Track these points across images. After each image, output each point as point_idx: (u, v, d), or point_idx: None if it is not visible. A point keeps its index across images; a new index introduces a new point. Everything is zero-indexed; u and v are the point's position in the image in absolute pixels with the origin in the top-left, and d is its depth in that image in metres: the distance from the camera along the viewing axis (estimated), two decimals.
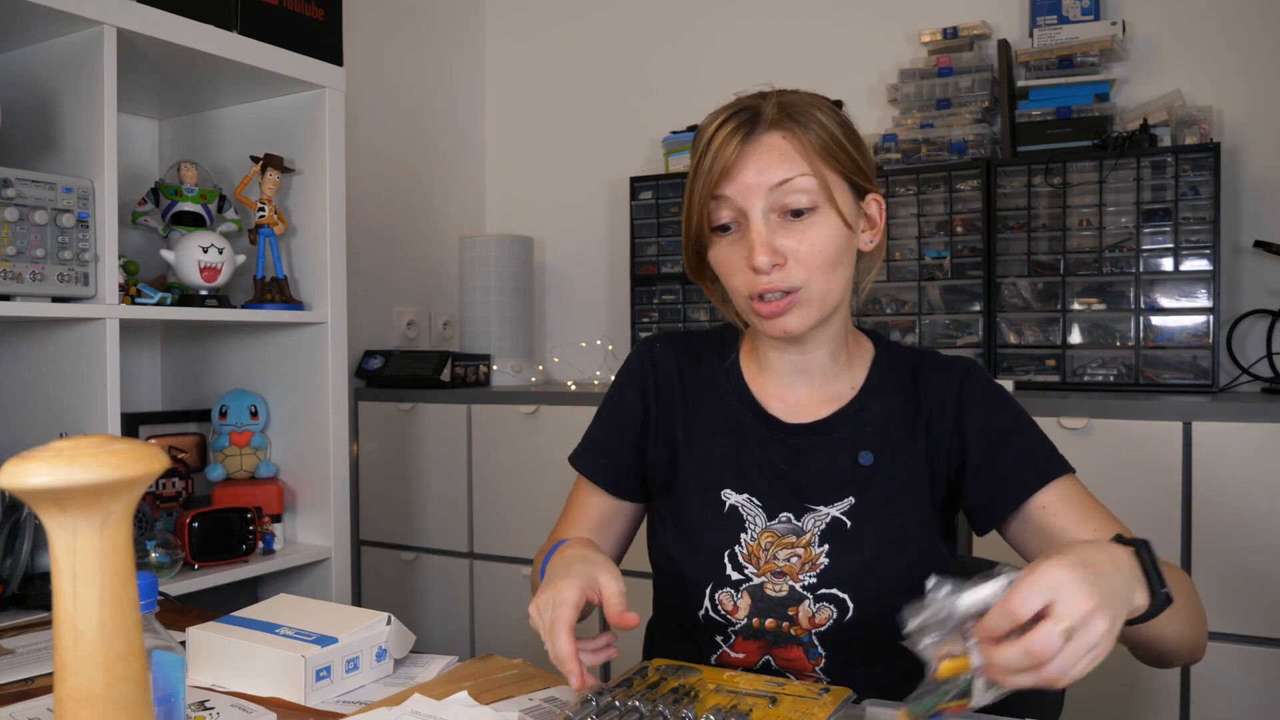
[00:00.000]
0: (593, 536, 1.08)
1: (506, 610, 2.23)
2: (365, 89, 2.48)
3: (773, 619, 0.97)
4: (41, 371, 1.58)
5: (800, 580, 0.97)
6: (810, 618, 0.96)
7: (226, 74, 1.75)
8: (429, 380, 2.30)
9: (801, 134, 0.94)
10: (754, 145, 0.94)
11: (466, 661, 0.99)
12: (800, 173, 0.92)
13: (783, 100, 0.96)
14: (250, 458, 1.90)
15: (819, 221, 0.94)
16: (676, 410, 1.08)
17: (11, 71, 1.58)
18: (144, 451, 0.48)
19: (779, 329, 0.95)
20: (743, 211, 0.94)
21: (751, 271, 0.93)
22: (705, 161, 0.94)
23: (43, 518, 0.46)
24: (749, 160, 0.93)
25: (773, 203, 0.93)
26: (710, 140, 0.95)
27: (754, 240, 0.92)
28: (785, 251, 0.93)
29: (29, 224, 1.40)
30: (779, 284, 0.93)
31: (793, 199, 0.93)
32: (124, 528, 0.48)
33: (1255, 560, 1.56)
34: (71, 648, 0.46)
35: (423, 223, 2.72)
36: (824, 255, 0.94)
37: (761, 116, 0.95)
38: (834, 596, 0.96)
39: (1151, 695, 1.63)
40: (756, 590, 0.98)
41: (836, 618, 0.96)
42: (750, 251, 0.92)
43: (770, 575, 0.97)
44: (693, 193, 0.97)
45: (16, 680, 0.95)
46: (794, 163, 0.93)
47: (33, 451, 0.45)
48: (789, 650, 0.98)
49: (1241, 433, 1.57)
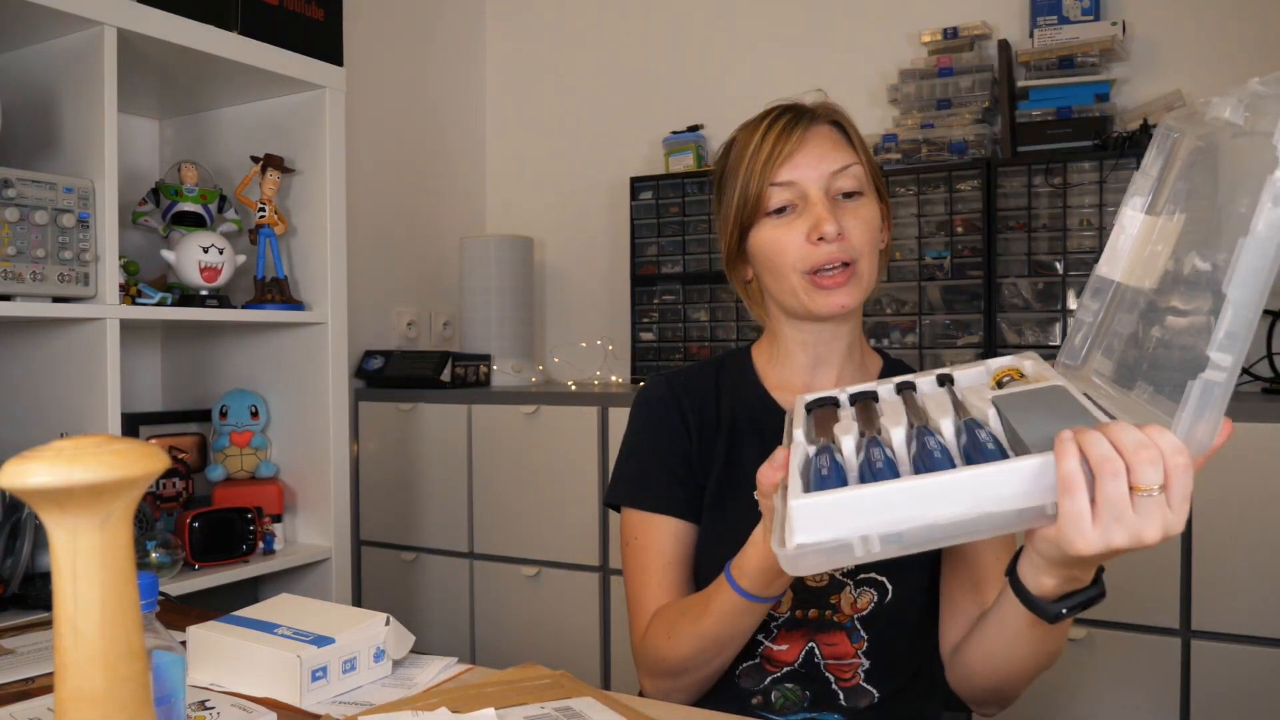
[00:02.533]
0: (681, 568, 1.07)
1: (506, 610, 2.23)
2: (365, 89, 2.48)
3: (815, 609, 1.01)
4: (42, 371, 1.58)
5: (839, 569, 1.01)
6: (853, 603, 1.01)
7: (226, 74, 1.75)
8: (429, 380, 2.30)
9: (849, 130, 1.05)
10: (812, 134, 1.03)
11: (508, 669, 0.96)
12: (853, 161, 1.02)
13: (827, 102, 1.07)
14: (250, 458, 1.90)
15: (866, 204, 1.03)
16: (710, 427, 1.09)
17: (11, 71, 1.58)
18: (144, 451, 0.48)
19: (837, 303, 1.00)
20: (803, 194, 1.01)
21: (810, 246, 0.99)
22: (764, 149, 1.02)
23: (43, 518, 0.46)
24: (809, 147, 1.02)
25: (829, 186, 1.01)
26: (767, 132, 1.03)
27: (821, 214, 0.99)
28: (844, 226, 1.00)
29: (29, 224, 1.40)
30: (840, 255, 0.99)
31: (847, 183, 1.02)
32: (124, 528, 0.48)
33: (1255, 560, 1.56)
34: (72, 648, 0.46)
35: (423, 223, 2.72)
36: (872, 233, 1.02)
37: (813, 112, 1.05)
38: (874, 580, 1.01)
39: (1151, 695, 1.63)
40: (798, 583, 1.01)
41: (878, 601, 1.00)
42: (815, 224, 0.99)
43: None
44: (749, 176, 1.02)
45: (16, 680, 0.95)
46: (847, 152, 1.03)
47: (33, 451, 0.45)
48: (832, 636, 1.01)
49: (1241, 433, 1.57)
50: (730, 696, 1.03)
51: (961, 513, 0.64)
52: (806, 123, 1.02)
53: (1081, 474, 0.61)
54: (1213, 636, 1.59)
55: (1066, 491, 0.62)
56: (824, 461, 0.72)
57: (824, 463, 0.72)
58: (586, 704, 0.86)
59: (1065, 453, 0.62)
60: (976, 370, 0.85)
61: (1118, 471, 0.61)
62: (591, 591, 2.12)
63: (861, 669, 1.02)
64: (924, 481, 0.65)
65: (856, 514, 0.65)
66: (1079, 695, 1.69)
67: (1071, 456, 0.62)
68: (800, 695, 1.02)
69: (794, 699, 1.02)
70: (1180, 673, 1.61)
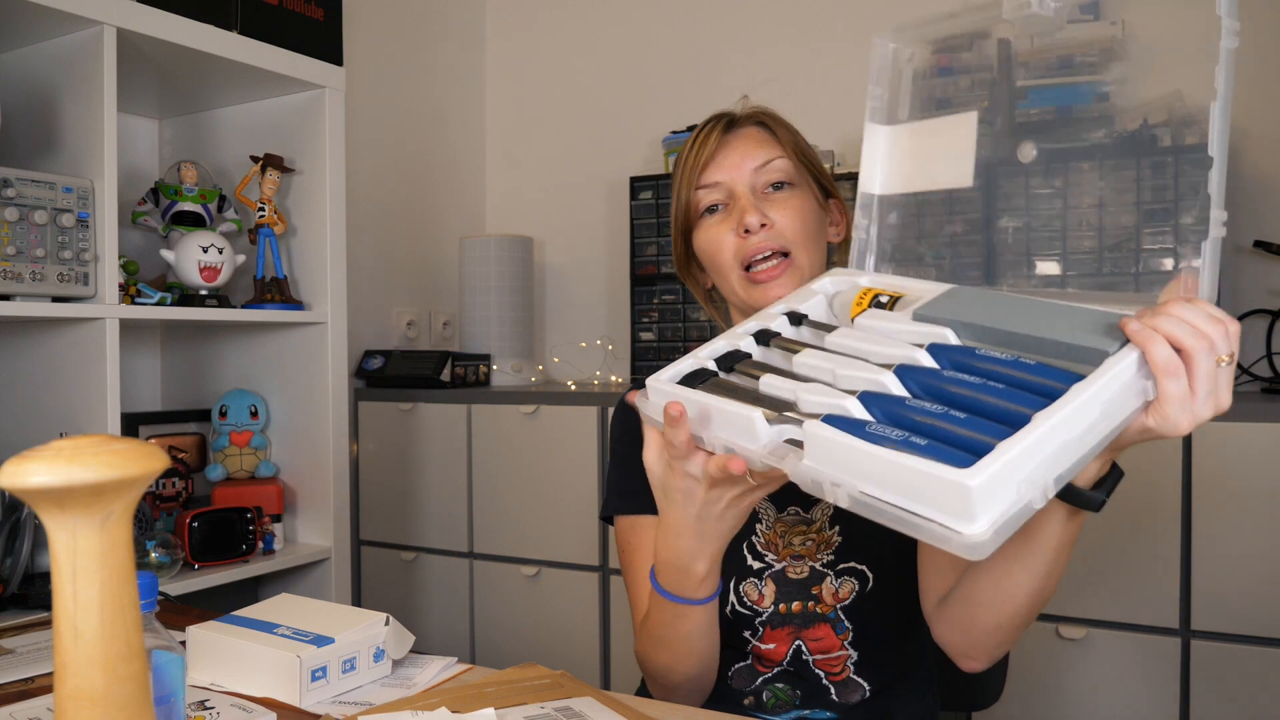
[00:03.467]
0: None
1: (506, 610, 2.23)
2: (365, 89, 2.48)
3: (798, 601, 1.02)
4: (41, 371, 1.58)
5: (819, 560, 1.02)
6: (834, 593, 1.02)
7: (226, 74, 1.75)
8: (429, 380, 2.30)
9: (775, 129, 1.08)
10: (735, 135, 1.07)
11: (508, 669, 0.97)
12: (777, 155, 1.05)
13: (755, 106, 1.11)
14: (250, 458, 1.90)
15: (796, 194, 1.05)
16: None
17: (11, 71, 1.58)
18: (144, 451, 0.48)
19: (772, 294, 1.00)
20: (729, 192, 1.04)
21: (740, 240, 1.02)
22: (691, 155, 1.06)
23: (43, 518, 0.46)
24: (732, 147, 1.06)
25: (755, 181, 1.04)
26: (695, 140, 1.07)
27: (744, 205, 1.02)
28: (770, 217, 1.02)
29: (29, 224, 1.40)
30: (769, 244, 1.01)
31: (772, 175, 1.05)
32: (124, 528, 0.48)
33: (1255, 560, 1.56)
34: (71, 647, 0.46)
35: (423, 223, 2.71)
36: (804, 222, 1.04)
37: (738, 117, 1.09)
38: (854, 569, 1.02)
39: (1151, 695, 1.63)
40: (779, 575, 1.02)
41: (859, 589, 1.01)
42: (740, 216, 1.02)
43: (790, 559, 1.03)
44: (680, 185, 1.07)
45: (16, 680, 0.95)
46: (771, 148, 1.06)
47: (33, 451, 0.45)
48: (817, 630, 1.02)
49: (1241, 433, 1.57)
50: (723, 698, 1.04)
51: (1099, 430, 0.64)
52: (727, 125, 1.07)
53: (1177, 357, 0.64)
54: (1213, 636, 1.59)
55: (1169, 375, 0.64)
56: (885, 429, 0.67)
57: (887, 430, 0.66)
58: (586, 704, 0.86)
59: (1151, 339, 0.64)
60: (813, 302, 0.88)
61: (1211, 348, 0.64)
62: (591, 591, 2.12)
63: (850, 661, 1.02)
64: (1069, 412, 0.62)
65: (1037, 468, 0.61)
66: (1079, 695, 1.69)
67: (1161, 343, 0.64)
68: (791, 694, 1.03)
69: (785, 698, 1.03)
70: (1180, 673, 1.61)
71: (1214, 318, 0.65)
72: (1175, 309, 0.66)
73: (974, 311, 0.77)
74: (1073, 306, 0.74)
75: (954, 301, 0.80)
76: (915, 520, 0.61)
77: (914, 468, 0.61)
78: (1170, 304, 0.66)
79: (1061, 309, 0.74)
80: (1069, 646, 1.69)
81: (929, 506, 0.60)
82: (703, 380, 0.79)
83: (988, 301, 0.79)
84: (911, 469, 0.61)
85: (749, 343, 0.84)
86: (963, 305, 0.79)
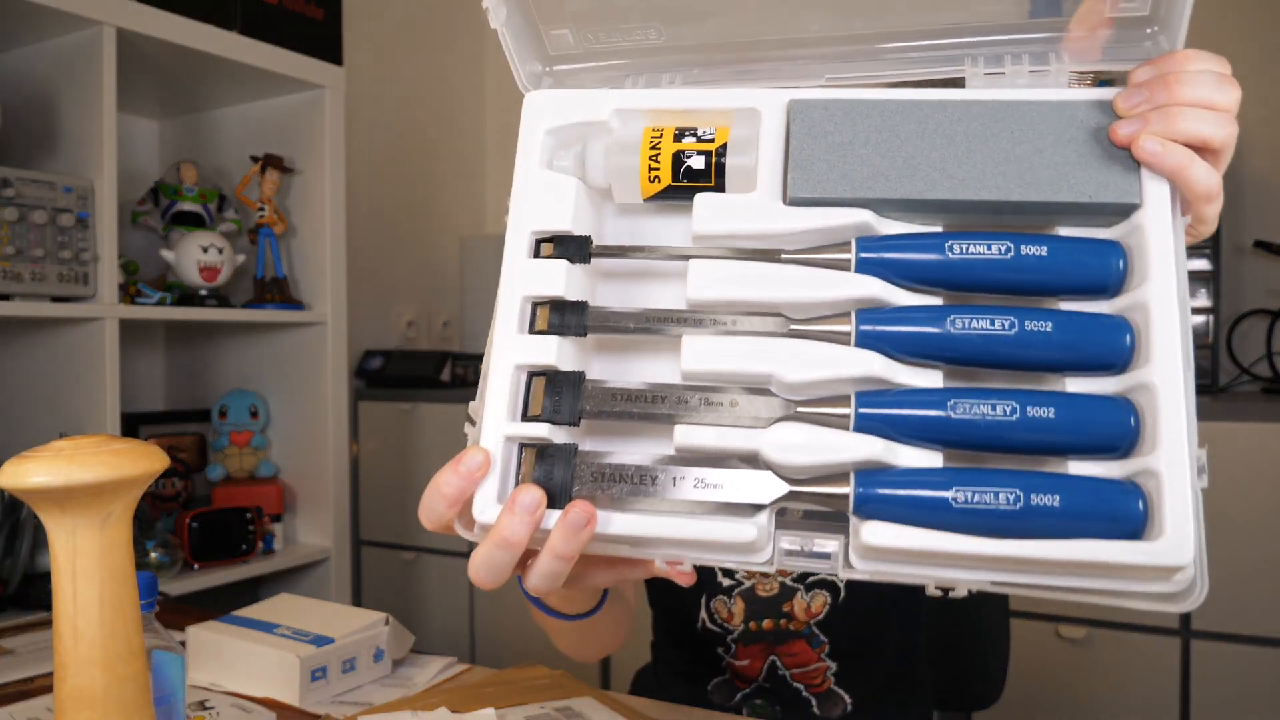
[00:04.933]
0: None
1: (506, 611, 2.23)
2: (365, 89, 2.48)
3: (769, 619, 0.98)
4: (41, 371, 1.58)
5: (788, 575, 0.98)
6: (806, 608, 0.97)
7: (226, 74, 1.75)
8: (429, 380, 2.30)
9: None
10: None
11: (508, 669, 0.96)
12: None
13: None
14: (250, 458, 1.90)
15: None
16: None
17: (11, 71, 1.58)
18: (144, 451, 0.48)
19: None
20: None
21: None
22: None
23: (43, 518, 0.46)
24: None
25: None
26: None
27: None
28: None
29: (28, 224, 1.40)
30: None
31: None
32: (124, 528, 0.48)
33: (1255, 560, 1.56)
34: (71, 647, 0.46)
35: (423, 223, 2.71)
36: None
37: None
38: (824, 581, 0.97)
39: (1151, 695, 1.63)
40: (748, 593, 0.98)
41: (831, 602, 0.97)
42: None
43: (759, 576, 0.98)
44: None
45: (16, 680, 0.95)
46: None
47: (33, 451, 0.45)
48: (791, 646, 0.98)
49: (1241, 433, 1.57)
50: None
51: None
52: None
53: (1216, 173, 0.51)
54: (1213, 636, 1.59)
55: (1212, 201, 0.52)
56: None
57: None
58: (586, 704, 0.86)
59: (1186, 165, 0.50)
60: (553, 195, 0.59)
61: (1233, 118, 0.52)
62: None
63: (830, 673, 0.99)
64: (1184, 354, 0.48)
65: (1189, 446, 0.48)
66: (1079, 695, 1.69)
67: (1197, 164, 0.51)
68: (771, 710, 0.99)
69: (766, 713, 1.00)
70: (1180, 673, 1.61)
71: (1223, 76, 0.51)
72: (1179, 88, 0.50)
73: (878, 162, 0.53)
74: (1017, 107, 0.53)
75: (824, 143, 0.54)
76: (1106, 599, 0.48)
77: (1091, 556, 0.46)
78: (1169, 79, 0.51)
79: (1005, 119, 0.53)
80: (1069, 646, 1.69)
81: (1116, 581, 0.47)
82: (567, 456, 0.53)
83: (879, 126, 0.54)
84: (1089, 560, 0.46)
85: (544, 346, 0.55)
86: (848, 149, 0.54)
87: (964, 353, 0.51)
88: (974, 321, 0.50)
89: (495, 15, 0.62)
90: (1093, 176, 0.51)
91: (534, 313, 0.56)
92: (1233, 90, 0.51)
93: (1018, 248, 0.51)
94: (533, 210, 0.58)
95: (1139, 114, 0.52)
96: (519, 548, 0.51)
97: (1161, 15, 0.54)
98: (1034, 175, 0.52)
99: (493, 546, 0.51)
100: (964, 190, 0.52)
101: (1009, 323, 0.50)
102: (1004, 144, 0.53)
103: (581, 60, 0.65)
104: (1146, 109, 0.51)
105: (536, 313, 0.56)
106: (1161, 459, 0.47)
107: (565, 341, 0.55)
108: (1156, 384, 0.48)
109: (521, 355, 0.55)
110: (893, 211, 0.54)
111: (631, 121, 0.60)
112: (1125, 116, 0.52)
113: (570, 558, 0.51)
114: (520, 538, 0.50)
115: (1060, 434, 0.49)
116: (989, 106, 0.54)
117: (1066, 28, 0.55)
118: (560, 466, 0.52)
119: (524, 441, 0.54)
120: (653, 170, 0.57)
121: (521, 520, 0.50)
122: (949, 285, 0.53)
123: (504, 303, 0.56)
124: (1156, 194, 0.51)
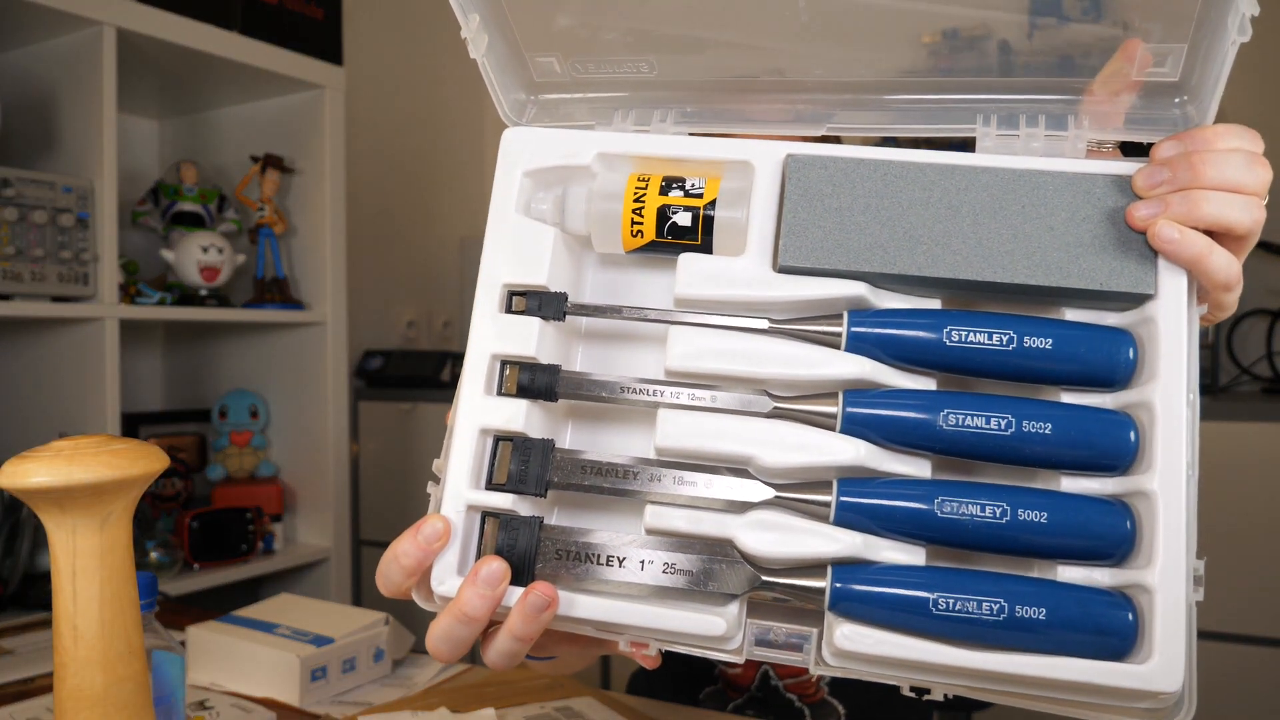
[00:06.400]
0: None
1: None
2: (365, 89, 2.48)
3: None
4: (41, 371, 1.58)
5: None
6: None
7: (226, 74, 1.75)
8: (429, 380, 2.30)
9: None
10: None
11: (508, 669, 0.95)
12: None
13: None
14: (250, 458, 1.90)
15: None
16: None
17: (11, 71, 1.58)
18: (144, 451, 0.48)
19: None
20: None
21: None
22: None
23: (43, 518, 0.46)
24: None
25: None
26: None
27: None
28: None
29: (28, 224, 1.40)
30: None
31: None
32: (124, 528, 0.48)
33: (1255, 560, 1.56)
34: (71, 648, 0.46)
35: (423, 223, 2.71)
36: None
37: None
38: None
39: None
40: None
41: None
42: None
43: None
44: None
45: (16, 680, 0.95)
46: None
47: (33, 451, 0.45)
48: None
49: (1241, 433, 1.57)
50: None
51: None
52: None
53: (1236, 260, 0.50)
54: (1213, 636, 1.59)
55: (1232, 290, 0.52)
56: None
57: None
58: (586, 704, 0.86)
59: (1204, 255, 0.48)
60: (529, 241, 0.58)
61: (1262, 203, 0.49)
62: None
63: (824, 681, 0.96)
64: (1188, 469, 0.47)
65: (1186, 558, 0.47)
66: None
67: (1217, 251, 0.48)
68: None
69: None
70: None
71: (1253, 156, 0.47)
72: (1205, 169, 0.47)
73: (877, 231, 0.51)
74: (1030, 178, 0.51)
75: (820, 206, 0.52)
76: (1086, 712, 0.47)
77: (1076, 676, 0.45)
78: (1194, 159, 0.47)
79: (1016, 191, 0.51)
80: None
81: (1100, 698, 0.46)
82: (532, 529, 0.51)
83: (881, 191, 0.52)
84: (1073, 680, 0.45)
85: (513, 409, 0.53)
86: (845, 215, 0.52)
87: (955, 447, 0.49)
88: (968, 418, 0.48)
89: (475, 46, 0.59)
90: (1106, 262, 0.49)
91: (503, 372, 0.54)
92: (1263, 172, 0.48)
93: (1020, 339, 0.49)
94: (507, 261, 0.56)
95: (1159, 195, 0.48)
96: (480, 623, 0.49)
97: (1193, 85, 0.51)
98: (1043, 256, 0.49)
99: (453, 620, 0.49)
100: (967, 269, 0.50)
101: (1005, 421, 0.48)
102: (1013, 219, 0.50)
103: (569, 90, 0.62)
104: (1167, 190, 0.48)
105: (506, 372, 0.54)
106: (1156, 573, 0.45)
107: (535, 405, 0.53)
108: (1157, 492, 0.46)
109: (488, 418, 0.52)
110: (890, 284, 0.52)
111: (616, 166, 0.57)
112: (1145, 197, 0.49)
113: (529, 639, 0.49)
114: (481, 613, 0.48)
115: (1051, 538, 0.47)
116: (999, 175, 0.51)
117: (1088, 89, 0.52)
118: (524, 539, 0.50)
119: (487, 511, 0.52)
120: (636, 224, 0.55)
121: (482, 595, 0.48)
122: (945, 368, 0.51)
123: (472, 360, 0.54)
124: (1173, 285, 0.49)
